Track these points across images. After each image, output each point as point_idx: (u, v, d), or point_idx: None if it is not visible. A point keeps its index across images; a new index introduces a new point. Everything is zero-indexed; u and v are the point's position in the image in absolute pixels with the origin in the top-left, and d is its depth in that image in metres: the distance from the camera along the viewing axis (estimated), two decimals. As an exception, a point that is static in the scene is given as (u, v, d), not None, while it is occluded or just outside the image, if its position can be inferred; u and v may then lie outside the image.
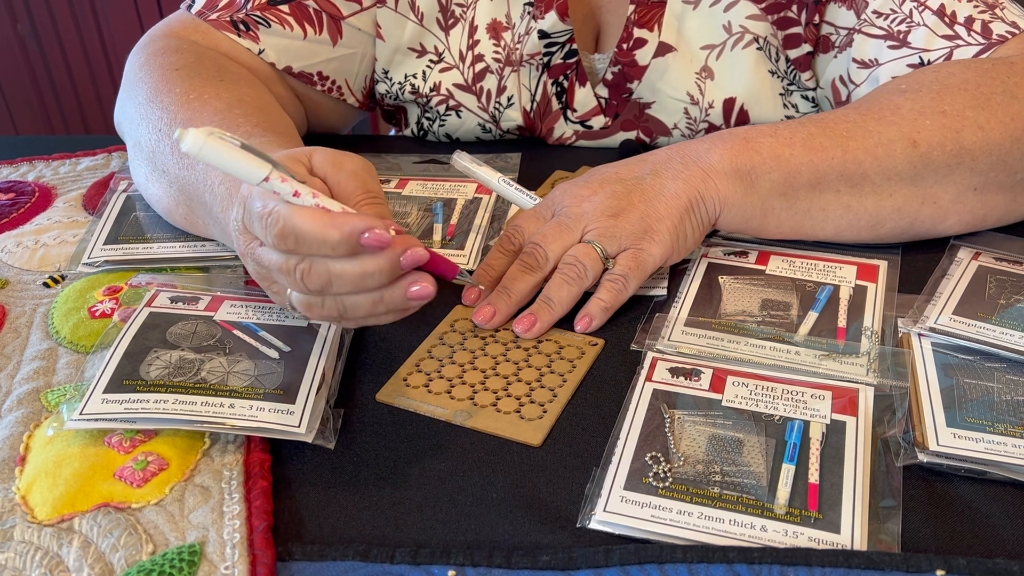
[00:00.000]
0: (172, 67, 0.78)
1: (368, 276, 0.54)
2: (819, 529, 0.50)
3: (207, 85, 0.75)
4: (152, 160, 0.73)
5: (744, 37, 0.85)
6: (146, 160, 0.75)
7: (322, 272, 0.54)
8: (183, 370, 0.60)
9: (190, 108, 0.72)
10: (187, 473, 0.54)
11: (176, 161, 0.70)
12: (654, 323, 0.66)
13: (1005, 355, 0.61)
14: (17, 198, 0.85)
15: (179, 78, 0.76)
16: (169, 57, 0.80)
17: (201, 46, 0.84)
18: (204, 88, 0.74)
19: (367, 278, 0.54)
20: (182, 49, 0.81)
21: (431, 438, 0.58)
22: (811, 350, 0.63)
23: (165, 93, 0.75)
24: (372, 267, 0.54)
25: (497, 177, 0.77)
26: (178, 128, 0.53)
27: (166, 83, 0.76)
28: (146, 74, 0.78)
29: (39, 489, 0.53)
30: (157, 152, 0.72)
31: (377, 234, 0.52)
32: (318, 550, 0.50)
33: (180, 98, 0.73)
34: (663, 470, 0.54)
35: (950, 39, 0.77)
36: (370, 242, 0.52)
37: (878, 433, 0.56)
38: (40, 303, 0.71)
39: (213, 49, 0.84)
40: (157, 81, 0.76)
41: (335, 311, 0.57)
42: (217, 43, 0.85)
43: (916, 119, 0.69)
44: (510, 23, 0.88)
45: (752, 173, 0.69)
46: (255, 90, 0.79)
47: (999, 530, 0.50)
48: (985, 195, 0.71)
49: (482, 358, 0.64)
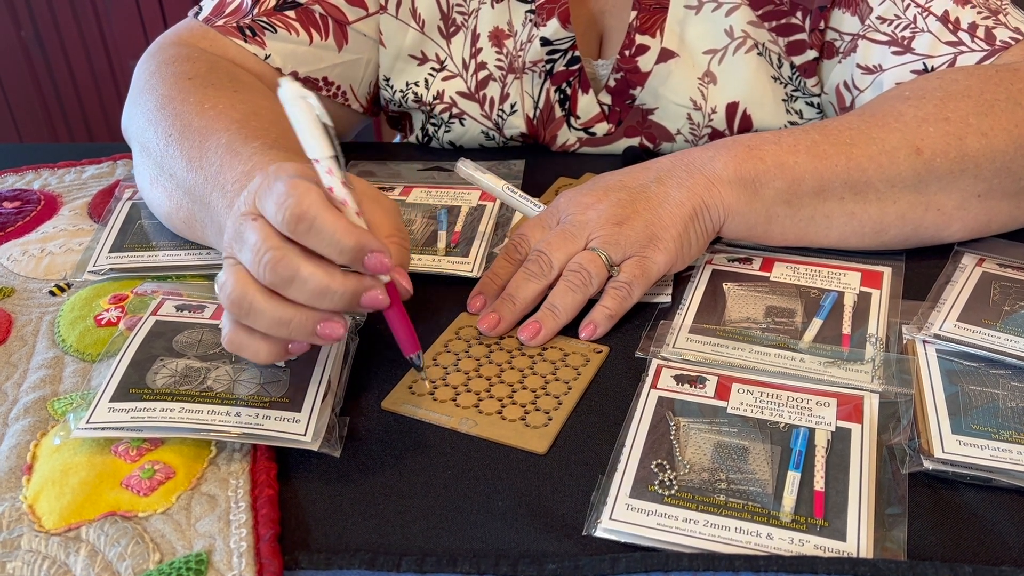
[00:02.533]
0: (185, 75, 0.78)
1: (328, 293, 0.53)
2: (825, 537, 0.50)
3: (221, 95, 0.75)
4: (160, 164, 0.73)
5: (746, 41, 0.85)
6: (153, 164, 0.75)
7: (291, 267, 0.52)
8: (189, 378, 0.60)
9: (205, 117, 0.72)
10: (194, 482, 0.55)
11: (187, 165, 0.70)
12: (659, 330, 0.66)
13: (1010, 362, 0.61)
14: (23, 206, 0.85)
15: (192, 87, 0.76)
16: (181, 65, 0.80)
17: (212, 54, 0.84)
18: (219, 98, 0.74)
19: (327, 295, 0.53)
20: (193, 57, 0.81)
21: (436, 446, 0.58)
22: (816, 357, 0.63)
23: (178, 102, 0.75)
24: (338, 286, 0.53)
25: (501, 185, 0.77)
26: (284, 81, 0.54)
27: (179, 92, 0.76)
28: (158, 82, 0.78)
29: (46, 498, 0.54)
30: (166, 156, 0.72)
31: (381, 258, 0.53)
32: (324, 558, 0.50)
33: (194, 107, 0.73)
34: (669, 478, 0.54)
35: (954, 45, 0.77)
36: (372, 262, 0.53)
37: (883, 440, 0.56)
38: (46, 311, 0.71)
39: (221, 56, 0.84)
40: (169, 89, 0.77)
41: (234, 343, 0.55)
42: (225, 49, 0.85)
43: (920, 126, 0.69)
44: (512, 30, 0.89)
45: (756, 181, 0.69)
46: (268, 100, 0.79)
47: (1005, 537, 0.50)
48: (989, 202, 0.71)
49: (487, 366, 0.64)
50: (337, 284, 0.53)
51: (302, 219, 0.52)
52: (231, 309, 0.55)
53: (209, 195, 0.67)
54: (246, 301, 0.54)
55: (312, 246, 0.53)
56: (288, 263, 0.52)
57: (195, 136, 0.71)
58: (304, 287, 0.53)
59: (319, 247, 0.53)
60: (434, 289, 0.72)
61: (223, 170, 0.66)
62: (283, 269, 0.53)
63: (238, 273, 0.54)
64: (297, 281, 0.53)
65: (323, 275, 0.53)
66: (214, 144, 0.69)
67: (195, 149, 0.70)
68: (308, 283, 0.53)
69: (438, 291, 0.71)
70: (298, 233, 0.52)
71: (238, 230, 0.55)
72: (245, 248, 0.54)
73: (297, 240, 0.53)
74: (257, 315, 0.54)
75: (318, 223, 0.52)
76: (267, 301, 0.54)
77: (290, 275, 0.53)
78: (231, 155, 0.67)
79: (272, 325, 0.55)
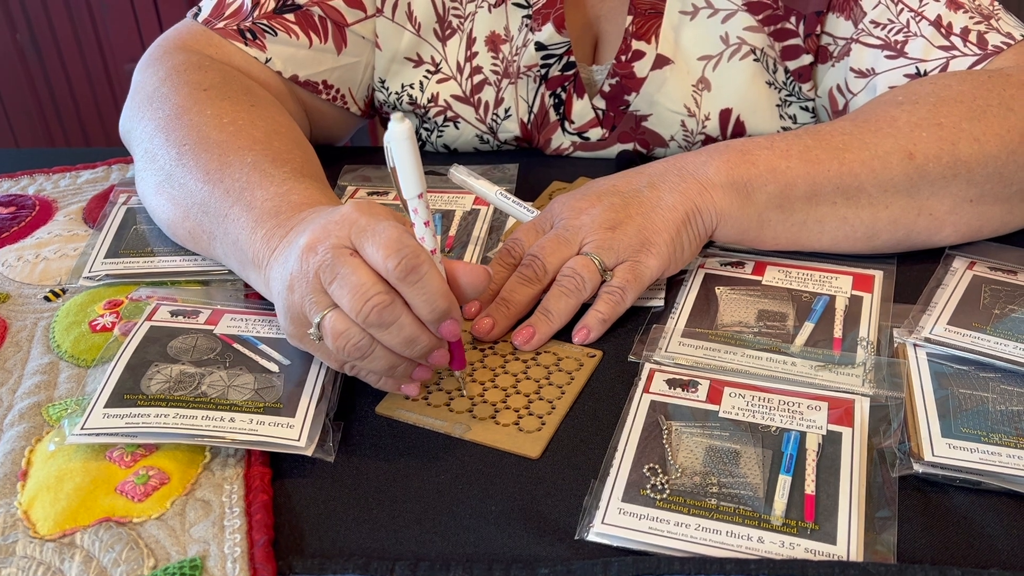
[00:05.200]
0: (199, 86, 0.78)
1: (415, 344, 0.56)
2: (815, 540, 0.50)
3: (240, 111, 0.76)
4: (169, 174, 0.73)
5: (741, 48, 0.85)
6: (158, 172, 0.74)
7: (395, 313, 0.54)
8: (184, 384, 0.60)
9: (224, 131, 0.72)
10: (188, 487, 0.55)
11: (203, 177, 0.70)
12: (651, 334, 0.66)
13: (1000, 365, 0.61)
14: (18, 212, 0.85)
15: (208, 99, 0.76)
16: (193, 74, 0.80)
17: (221, 63, 0.84)
18: (237, 113, 0.75)
19: (413, 344, 0.56)
20: (204, 66, 0.81)
21: (430, 451, 0.58)
22: (807, 361, 0.63)
23: (195, 113, 0.75)
24: (424, 340, 0.56)
25: (495, 190, 0.78)
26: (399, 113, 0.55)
27: (195, 103, 0.76)
28: (170, 90, 0.78)
29: (41, 504, 0.54)
30: (179, 167, 0.72)
31: (455, 326, 0.56)
32: (318, 563, 0.50)
33: (212, 120, 0.74)
34: (661, 482, 0.54)
35: (946, 50, 0.77)
36: (447, 328, 0.56)
37: (874, 444, 0.56)
38: (41, 317, 0.71)
39: (226, 63, 0.85)
40: (184, 99, 0.77)
41: (362, 350, 0.56)
42: (229, 56, 0.85)
43: (912, 131, 0.70)
44: (508, 35, 0.89)
45: (748, 185, 0.69)
46: (284, 118, 0.79)
47: (994, 540, 0.50)
48: (981, 207, 0.71)
49: (481, 370, 0.64)
50: (425, 338, 0.56)
51: (414, 271, 0.53)
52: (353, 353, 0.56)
53: (228, 209, 0.67)
54: (360, 348, 0.56)
55: (410, 299, 0.55)
56: (394, 310, 0.54)
57: (214, 150, 0.71)
58: (399, 334, 0.55)
59: (416, 301, 0.55)
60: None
61: (251, 187, 0.67)
62: (388, 315, 0.54)
63: (344, 320, 0.56)
64: (395, 327, 0.55)
65: (418, 327, 0.55)
66: (238, 161, 0.69)
67: (214, 162, 0.70)
68: (403, 331, 0.55)
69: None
70: (406, 283, 0.54)
71: (334, 261, 0.55)
72: (345, 285, 0.55)
73: (398, 288, 0.55)
74: (372, 361, 0.57)
75: (426, 280, 0.54)
76: (382, 349, 0.56)
77: (392, 321, 0.54)
78: (260, 174, 0.68)
79: (378, 371, 0.58)
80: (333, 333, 0.55)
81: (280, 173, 0.68)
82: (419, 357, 0.57)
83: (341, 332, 0.55)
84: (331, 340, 0.56)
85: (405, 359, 0.57)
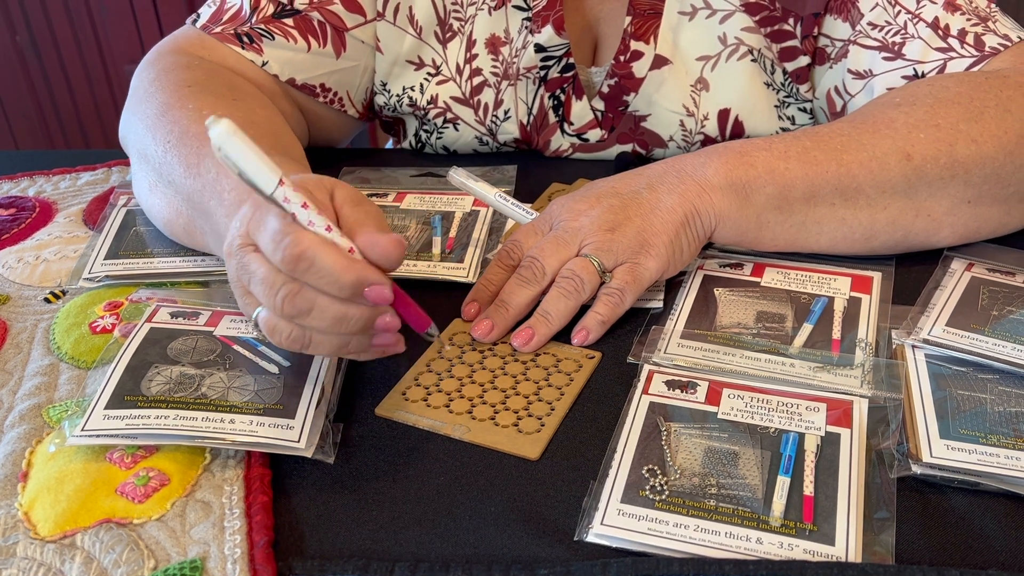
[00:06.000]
0: (184, 83, 0.78)
1: (346, 320, 0.54)
2: (814, 541, 0.50)
3: (219, 103, 0.76)
4: (159, 171, 0.74)
5: (739, 49, 0.85)
6: (152, 171, 0.75)
7: (308, 300, 0.53)
8: (184, 385, 0.61)
9: (202, 124, 0.73)
10: (188, 488, 0.55)
11: (184, 171, 0.70)
12: (650, 336, 0.66)
13: (998, 366, 0.61)
14: (18, 213, 0.86)
15: (191, 94, 0.77)
16: (180, 73, 0.80)
17: (210, 62, 0.84)
18: (216, 106, 0.75)
19: (344, 322, 0.54)
20: (192, 66, 0.82)
21: (430, 452, 0.58)
22: (806, 362, 0.63)
23: (177, 108, 0.75)
24: (354, 314, 0.54)
25: (494, 192, 0.78)
26: (211, 117, 0.52)
27: (178, 99, 0.76)
28: (157, 89, 0.79)
29: (41, 505, 0.54)
30: (165, 163, 0.72)
31: (380, 290, 0.53)
32: (318, 565, 0.50)
33: (193, 113, 0.74)
34: (660, 483, 0.54)
35: (944, 51, 0.77)
36: (371, 294, 0.53)
37: (872, 445, 0.56)
38: (41, 319, 0.71)
39: (220, 64, 0.85)
40: (169, 96, 0.77)
41: (299, 341, 0.56)
42: (223, 58, 0.85)
43: (910, 132, 0.70)
44: (508, 37, 0.89)
45: (747, 187, 0.69)
46: (266, 111, 0.80)
47: (992, 541, 0.51)
48: (978, 208, 0.72)
49: (480, 372, 0.64)
50: (354, 311, 0.54)
51: (300, 259, 0.52)
52: (292, 346, 0.56)
53: (207, 202, 0.67)
54: (301, 339, 0.55)
55: (312, 284, 0.53)
56: (304, 296, 0.53)
57: (193, 142, 0.71)
58: (324, 316, 0.54)
59: (319, 285, 0.53)
60: (430, 295, 0.72)
61: (219, 178, 0.66)
62: (301, 302, 0.53)
63: (271, 317, 0.55)
64: (316, 312, 0.54)
65: (340, 304, 0.54)
66: (209, 152, 0.69)
67: (193, 156, 0.70)
68: (327, 312, 0.54)
69: (434, 297, 0.72)
70: (298, 273, 0.53)
71: (242, 262, 0.55)
72: (256, 283, 0.55)
73: (297, 279, 0.53)
74: (317, 346, 0.56)
75: (317, 263, 0.52)
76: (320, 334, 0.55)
77: (308, 307, 0.54)
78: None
79: (332, 352, 0.57)
80: (267, 331, 0.56)
81: None
82: (364, 329, 0.55)
83: (272, 328, 0.55)
84: (269, 337, 0.56)
85: (354, 333, 0.56)
